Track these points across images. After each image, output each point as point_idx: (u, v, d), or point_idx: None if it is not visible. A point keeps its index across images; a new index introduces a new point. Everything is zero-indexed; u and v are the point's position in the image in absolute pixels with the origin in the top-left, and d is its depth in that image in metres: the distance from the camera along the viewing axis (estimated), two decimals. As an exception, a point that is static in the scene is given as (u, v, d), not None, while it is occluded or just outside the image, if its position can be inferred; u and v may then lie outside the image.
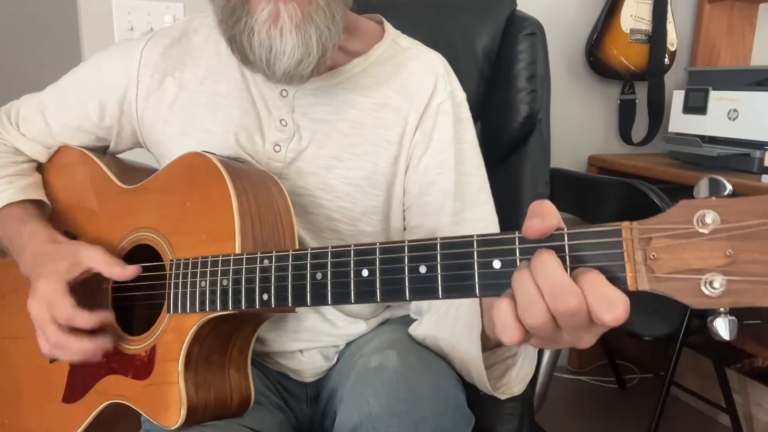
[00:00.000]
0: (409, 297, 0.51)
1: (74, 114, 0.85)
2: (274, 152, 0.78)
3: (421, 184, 0.79)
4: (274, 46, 0.67)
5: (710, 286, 0.40)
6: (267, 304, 0.60)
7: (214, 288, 0.64)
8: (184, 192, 0.71)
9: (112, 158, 0.88)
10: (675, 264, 0.41)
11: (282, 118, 0.78)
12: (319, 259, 0.56)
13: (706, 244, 0.40)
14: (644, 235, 0.42)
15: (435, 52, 0.84)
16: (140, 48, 0.82)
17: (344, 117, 0.78)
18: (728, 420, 1.70)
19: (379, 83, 0.79)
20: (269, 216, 0.69)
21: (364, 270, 0.53)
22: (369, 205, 0.80)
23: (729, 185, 0.40)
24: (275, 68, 0.68)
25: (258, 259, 0.61)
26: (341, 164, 0.78)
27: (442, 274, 0.49)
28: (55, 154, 0.88)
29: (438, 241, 0.50)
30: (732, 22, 1.99)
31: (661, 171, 1.70)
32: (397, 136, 0.79)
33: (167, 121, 0.81)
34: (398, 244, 0.51)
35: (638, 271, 0.42)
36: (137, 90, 0.81)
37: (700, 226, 0.40)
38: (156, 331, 0.69)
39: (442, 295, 0.49)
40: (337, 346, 0.84)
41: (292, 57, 0.67)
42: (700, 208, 0.40)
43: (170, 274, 0.68)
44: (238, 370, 0.71)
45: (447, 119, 0.80)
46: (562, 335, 0.45)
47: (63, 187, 0.86)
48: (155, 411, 0.67)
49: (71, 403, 0.76)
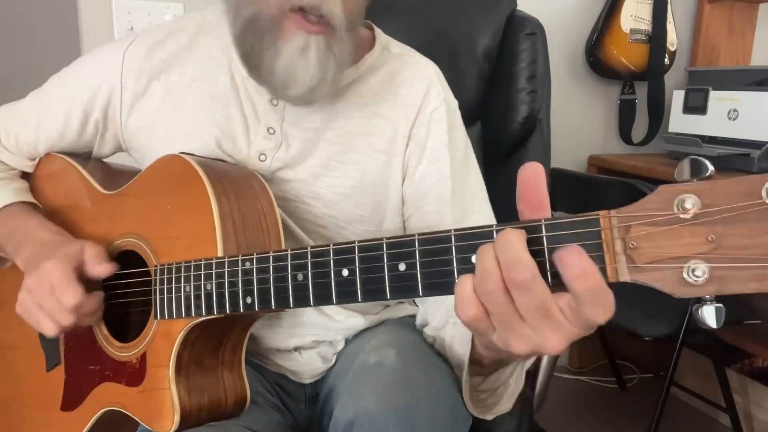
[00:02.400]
0: (390, 296, 0.49)
1: (57, 122, 0.83)
2: (259, 161, 0.77)
3: (419, 193, 0.79)
4: (296, 72, 0.68)
5: (693, 274, 0.38)
6: (251, 307, 0.59)
7: (199, 293, 0.63)
8: (165, 195, 0.70)
9: (96, 163, 0.87)
10: (655, 253, 0.39)
11: (270, 126, 0.77)
12: (300, 259, 0.55)
13: (687, 230, 0.38)
14: (623, 223, 0.40)
15: (427, 59, 0.83)
16: (122, 51, 0.79)
17: (333, 126, 0.78)
18: (728, 420, 1.70)
19: (371, 91, 0.79)
20: (252, 216, 0.68)
21: (344, 270, 0.52)
22: (355, 214, 0.79)
23: (711, 166, 0.39)
24: (288, 90, 0.70)
25: (239, 262, 0.60)
26: (329, 173, 0.77)
27: (422, 271, 0.48)
28: (38, 163, 0.87)
29: (416, 237, 0.48)
30: (732, 22, 1.99)
31: (661, 171, 1.70)
32: (385, 143, 0.78)
33: (154, 126, 0.80)
34: (377, 242, 0.50)
35: (618, 261, 0.40)
36: (122, 96, 0.79)
37: (681, 212, 0.38)
38: (145, 337, 0.69)
39: (423, 292, 0.48)
40: (334, 346, 0.84)
41: (307, 85, 0.69)
42: (679, 193, 0.38)
43: (155, 279, 0.68)
44: (231, 370, 0.71)
45: (440, 126, 0.79)
46: (522, 325, 0.43)
47: (47, 195, 0.85)
48: (150, 417, 0.67)
49: (70, 411, 0.76)
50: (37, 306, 0.69)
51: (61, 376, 0.78)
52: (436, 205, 0.78)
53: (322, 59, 0.68)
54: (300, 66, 0.68)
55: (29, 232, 0.76)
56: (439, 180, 0.78)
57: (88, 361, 0.75)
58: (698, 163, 0.39)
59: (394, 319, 0.87)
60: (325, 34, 0.67)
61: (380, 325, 0.86)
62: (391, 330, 0.82)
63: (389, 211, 0.80)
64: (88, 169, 0.83)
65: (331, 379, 0.82)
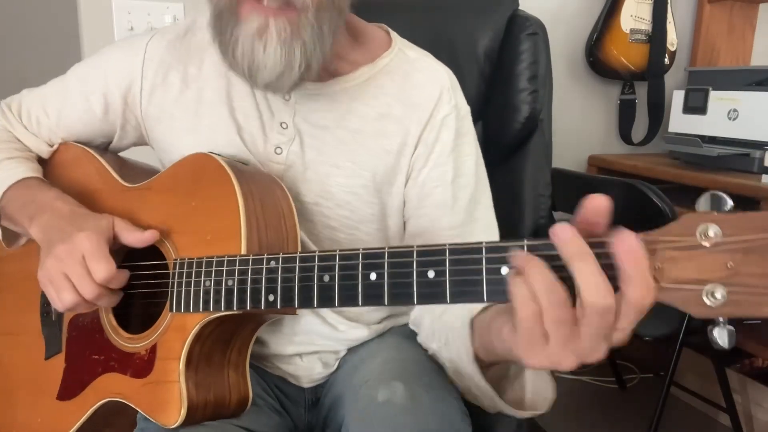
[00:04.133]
0: (417, 301, 0.51)
1: (78, 108, 0.85)
2: (276, 154, 0.78)
3: (420, 197, 0.79)
4: (256, 58, 0.66)
5: (712, 297, 0.42)
6: (273, 305, 0.60)
7: (219, 288, 0.64)
8: (190, 192, 0.71)
9: (112, 156, 0.88)
10: (678, 274, 0.43)
11: (283, 120, 0.78)
12: (327, 261, 0.56)
13: (708, 256, 0.42)
14: (649, 246, 0.43)
15: (442, 64, 0.83)
16: (145, 42, 0.82)
17: (345, 125, 0.78)
18: (728, 420, 1.70)
19: (384, 92, 0.79)
20: (274, 219, 0.69)
21: (372, 273, 0.53)
22: (367, 213, 0.79)
23: (730, 201, 0.42)
24: (256, 78, 0.68)
25: (265, 260, 0.61)
26: (340, 172, 0.77)
27: (451, 279, 0.49)
28: (56, 150, 0.88)
29: (447, 246, 0.50)
30: (732, 22, 1.99)
31: (661, 171, 1.70)
32: (396, 146, 0.78)
33: (174, 115, 0.81)
34: (407, 249, 0.52)
35: None
36: (142, 84, 0.81)
37: (703, 239, 0.42)
38: (157, 329, 0.69)
39: (450, 300, 0.49)
40: (336, 352, 0.84)
41: (273, 71, 0.67)
42: (702, 222, 0.42)
43: (174, 273, 0.68)
44: (236, 370, 0.71)
45: (449, 132, 0.79)
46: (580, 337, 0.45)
47: (65, 183, 0.85)
48: (154, 409, 0.67)
49: (66, 401, 0.76)
50: (63, 275, 0.67)
51: (61, 365, 0.78)
52: (434, 209, 0.78)
53: (286, 42, 0.66)
54: (258, 49, 0.66)
55: (45, 202, 0.76)
56: (440, 185, 0.78)
57: (92, 351, 0.75)
58: (718, 198, 0.43)
59: (398, 328, 0.87)
60: (287, 16, 0.65)
61: (384, 334, 0.86)
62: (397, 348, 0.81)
63: (392, 210, 0.80)
64: (107, 159, 0.84)
65: (334, 388, 0.81)
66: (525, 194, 1.11)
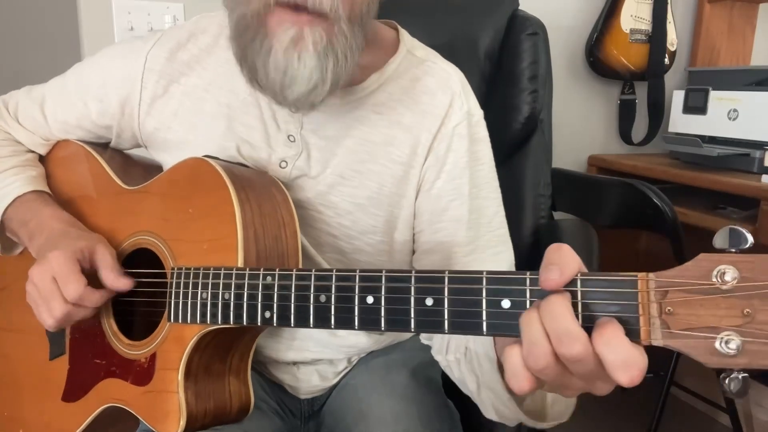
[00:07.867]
0: (414, 329, 0.49)
1: (74, 111, 0.84)
2: (280, 168, 0.75)
3: (434, 210, 0.76)
4: (290, 70, 0.62)
5: (726, 346, 0.39)
6: (269, 322, 0.58)
7: (216, 301, 0.62)
8: (187, 198, 0.69)
9: (115, 153, 0.87)
10: (691, 320, 0.40)
11: (290, 133, 0.75)
12: (324, 281, 0.54)
13: (723, 301, 0.39)
14: (660, 287, 0.41)
15: (452, 65, 0.80)
16: (146, 51, 0.79)
17: (353, 134, 0.75)
18: (728, 420, 1.70)
19: (393, 99, 0.75)
20: (273, 227, 0.67)
21: (369, 297, 0.51)
22: (369, 225, 0.77)
23: (750, 237, 0.39)
24: (287, 93, 0.64)
25: (261, 276, 0.59)
26: (346, 182, 0.75)
27: (449, 309, 0.48)
28: (55, 146, 0.87)
29: (446, 274, 0.48)
30: (732, 22, 1.99)
31: (661, 171, 1.70)
32: (405, 156, 0.75)
33: (171, 128, 0.79)
34: (405, 274, 0.50)
35: (652, 324, 0.41)
36: (141, 95, 0.79)
37: (720, 283, 0.39)
38: (156, 338, 0.69)
39: (449, 330, 0.48)
40: (335, 365, 0.83)
41: (308, 83, 0.63)
42: (720, 263, 0.39)
43: (171, 282, 0.67)
44: (237, 376, 0.71)
45: (462, 142, 0.76)
46: (574, 381, 0.44)
47: (62, 181, 0.85)
48: (154, 418, 0.67)
49: (71, 402, 0.76)
50: (38, 295, 0.68)
51: (65, 367, 0.78)
52: (451, 223, 0.75)
53: (321, 52, 0.62)
54: (293, 62, 0.62)
55: (42, 222, 0.76)
56: (457, 198, 0.75)
57: (94, 355, 0.75)
58: (737, 234, 0.40)
59: (405, 344, 0.86)
60: (321, 25, 0.61)
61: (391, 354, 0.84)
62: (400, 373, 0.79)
63: (400, 223, 0.78)
64: (107, 158, 0.83)
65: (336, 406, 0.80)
66: (525, 194, 1.12)
